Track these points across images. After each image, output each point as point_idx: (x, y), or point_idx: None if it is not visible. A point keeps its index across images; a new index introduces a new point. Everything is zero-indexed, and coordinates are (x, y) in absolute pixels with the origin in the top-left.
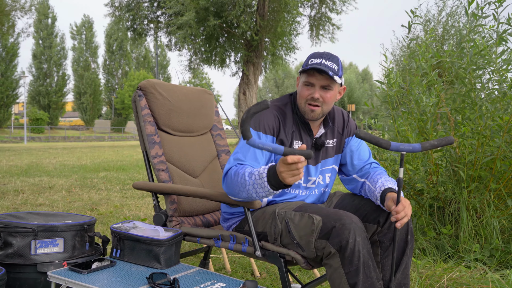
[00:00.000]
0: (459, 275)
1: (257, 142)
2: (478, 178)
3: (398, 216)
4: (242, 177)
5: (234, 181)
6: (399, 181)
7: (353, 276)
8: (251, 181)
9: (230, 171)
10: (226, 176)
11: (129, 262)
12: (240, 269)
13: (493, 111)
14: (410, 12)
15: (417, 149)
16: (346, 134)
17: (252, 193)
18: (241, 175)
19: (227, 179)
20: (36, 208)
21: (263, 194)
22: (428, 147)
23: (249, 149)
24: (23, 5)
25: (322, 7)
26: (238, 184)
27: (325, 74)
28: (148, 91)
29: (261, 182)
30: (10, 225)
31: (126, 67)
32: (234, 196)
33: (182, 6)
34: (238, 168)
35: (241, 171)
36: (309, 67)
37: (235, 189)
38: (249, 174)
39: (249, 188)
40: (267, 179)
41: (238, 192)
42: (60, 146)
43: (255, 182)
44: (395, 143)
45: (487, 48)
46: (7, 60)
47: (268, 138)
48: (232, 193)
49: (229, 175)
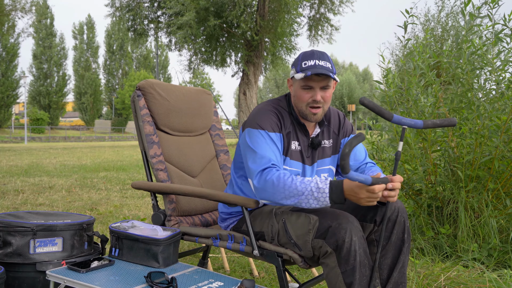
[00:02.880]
0: (457, 275)
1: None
2: (476, 178)
3: (394, 184)
4: (291, 185)
5: (279, 187)
6: (397, 154)
7: (349, 275)
8: (306, 192)
9: (269, 175)
10: (265, 180)
11: (128, 261)
12: (239, 269)
13: (491, 111)
14: (406, 12)
15: (419, 125)
16: (342, 135)
17: (303, 203)
18: (290, 183)
19: (266, 184)
20: (36, 208)
21: (315, 205)
22: (430, 125)
23: (264, 144)
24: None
25: (321, 8)
26: (285, 191)
27: (325, 76)
28: (147, 91)
29: (319, 196)
30: (9, 224)
31: (126, 67)
32: (270, 200)
33: (182, 6)
34: (280, 173)
35: (287, 178)
36: (310, 72)
37: (278, 195)
38: (301, 183)
39: (301, 198)
40: (329, 196)
41: (282, 198)
42: (60, 146)
43: (310, 194)
44: (397, 116)
45: (484, 48)
46: (8, 60)
47: (278, 137)
48: (270, 197)
49: (269, 180)
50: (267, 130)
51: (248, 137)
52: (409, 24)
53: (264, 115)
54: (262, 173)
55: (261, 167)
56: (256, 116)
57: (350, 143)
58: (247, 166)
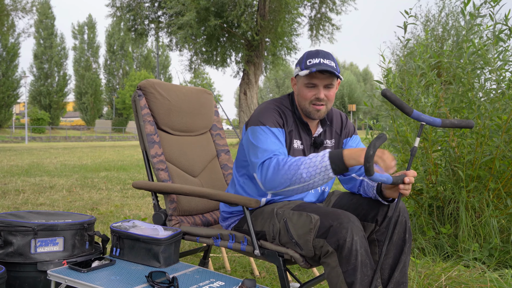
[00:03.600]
0: (458, 274)
1: (378, 176)
2: (477, 178)
3: (410, 178)
4: (291, 162)
5: (279, 171)
6: (413, 150)
7: (350, 275)
8: (306, 161)
9: (269, 163)
10: (267, 168)
11: (129, 261)
12: (240, 268)
13: (491, 111)
14: (405, 12)
15: (437, 123)
16: (344, 135)
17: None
18: (289, 161)
19: (268, 173)
20: (36, 207)
21: (316, 172)
22: (448, 124)
23: (266, 139)
24: (24, 5)
25: (322, 7)
26: (286, 171)
27: (329, 73)
28: (148, 90)
29: (321, 165)
30: (10, 224)
31: (127, 67)
32: (276, 187)
33: (183, 6)
34: (278, 158)
35: (287, 159)
36: (315, 69)
37: (281, 179)
38: (299, 158)
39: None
40: (330, 163)
41: (286, 180)
42: (61, 146)
43: (310, 163)
44: (417, 112)
45: (484, 48)
46: (8, 60)
47: (280, 132)
48: (274, 184)
49: (270, 167)
50: (269, 125)
51: (251, 134)
52: (409, 24)
53: (267, 113)
54: (263, 164)
55: (263, 159)
56: (259, 114)
57: (373, 144)
58: (250, 162)
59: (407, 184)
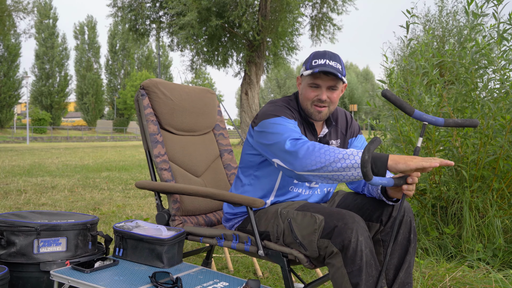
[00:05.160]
0: (462, 275)
1: (378, 179)
2: (481, 178)
3: (414, 179)
4: (328, 149)
5: (314, 152)
6: (416, 150)
7: (355, 275)
8: (343, 154)
9: (311, 143)
10: (302, 145)
11: (132, 261)
12: (243, 269)
13: (495, 111)
14: (407, 12)
15: (440, 122)
16: (350, 135)
17: (338, 164)
18: (327, 148)
19: (306, 149)
20: (38, 207)
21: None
22: (451, 123)
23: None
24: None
25: (324, 7)
26: (321, 155)
27: (332, 75)
28: (151, 90)
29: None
30: (13, 224)
31: (128, 67)
32: (311, 167)
33: (184, 6)
34: (314, 142)
35: (323, 145)
36: (317, 70)
37: (313, 159)
38: (338, 149)
39: (337, 162)
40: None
41: (317, 162)
42: (62, 146)
43: (347, 158)
44: (419, 111)
45: (488, 47)
46: (10, 60)
47: (295, 123)
48: (312, 163)
49: (308, 145)
50: (285, 116)
51: (264, 127)
52: (411, 24)
53: (278, 108)
54: (295, 141)
55: (292, 136)
56: (269, 109)
57: (368, 149)
58: (269, 147)
59: (411, 185)
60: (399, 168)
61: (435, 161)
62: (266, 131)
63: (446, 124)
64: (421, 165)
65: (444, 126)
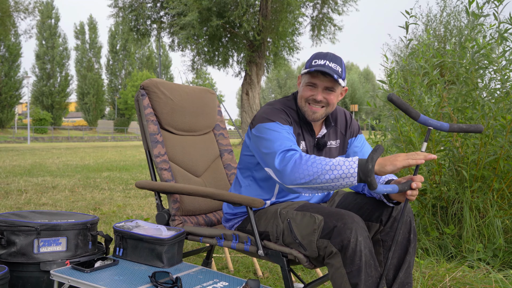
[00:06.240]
0: (462, 275)
1: (383, 188)
2: (481, 178)
3: (418, 184)
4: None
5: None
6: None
7: (354, 276)
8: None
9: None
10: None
11: (132, 261)
12: (243, 269)
13: (495, 111)
14: (406, 12)
15: (445, 128)
16: (349, 135)
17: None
18: (314, 159)
19: (294, 163)
20: (39, 207)
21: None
22: (456, 129)
23: (279, 134)
24: (26, 6)
25: (324, 8)
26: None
27: (329, 76)
28: (151, 90)
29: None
30: (13, 224)
31: (129, 67)
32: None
33: (185, 6)
34: (301, 154)
35: (311, 157)
36: (314, 69)
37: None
38: (326, 159)
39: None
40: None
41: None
42: (63, 146)
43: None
44: (424, 116)
45: (489, 47)
46: (10, 60)
47: (290, 129)
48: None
49: (295, 158)
50: (280, 122)
51: (259, 132)
52: (410, 25)
53: (274, 111)
54: (283, 154)
55: (282, 148)
56: (265, 112)
57: (371, 158)
58: (263, 155)
59: (414, 190)
60: (387, 170)
61: (419, 156)
62: (260, 136)
63: (451, 129)
64: (408, 163)
65: (449, 131)
